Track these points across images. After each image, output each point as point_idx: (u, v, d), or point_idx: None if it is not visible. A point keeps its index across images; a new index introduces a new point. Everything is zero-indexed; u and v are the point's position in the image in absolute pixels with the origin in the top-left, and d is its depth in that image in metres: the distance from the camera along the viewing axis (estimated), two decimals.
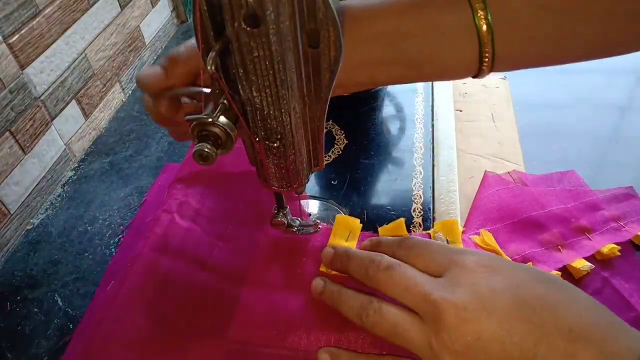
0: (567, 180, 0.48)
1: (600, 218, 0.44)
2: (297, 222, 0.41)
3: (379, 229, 0.43)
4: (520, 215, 0.44)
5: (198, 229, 0.44)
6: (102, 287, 0.42)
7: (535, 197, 0.46)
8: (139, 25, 0.68)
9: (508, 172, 0.49)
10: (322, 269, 0.39)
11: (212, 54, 0.26)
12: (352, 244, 0.41)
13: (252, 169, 0.35)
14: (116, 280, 0.41)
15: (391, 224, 0.42)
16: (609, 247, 0.41)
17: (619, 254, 0.41)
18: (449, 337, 0.26)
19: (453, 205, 0.45)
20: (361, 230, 0.42)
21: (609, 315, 0.26)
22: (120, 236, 0.47)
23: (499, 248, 0.41)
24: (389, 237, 0.37)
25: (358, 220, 0.43)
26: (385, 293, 0.31)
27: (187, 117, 0.29)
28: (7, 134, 0.47)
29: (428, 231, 0.43)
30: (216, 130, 0.29)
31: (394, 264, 0.32)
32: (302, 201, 0.44)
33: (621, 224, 0.44)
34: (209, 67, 0.26)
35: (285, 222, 0.40)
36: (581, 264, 0.40)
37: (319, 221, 0.42)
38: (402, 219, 0.42)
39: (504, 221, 0.44)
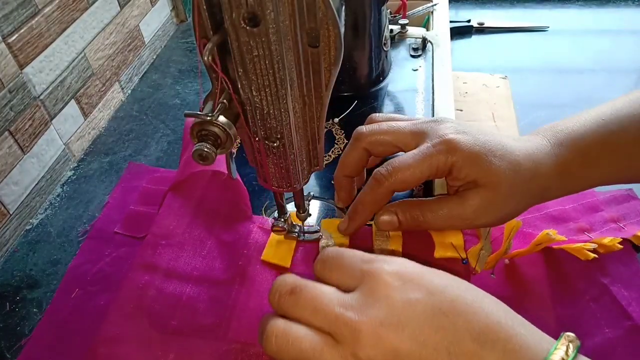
0: None
1: (600, 219, 0.44)
2: (298, 228, 0.41)
3: (321, 222, 0.42)
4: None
5: (194, 235, 0.43)
6: (62, 290, 0.42)
7: None
8: (138, 25, 0.68)
9: None
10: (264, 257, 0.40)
11: (209, 46, 0.26)
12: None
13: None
14: (108, 285, 0.41)
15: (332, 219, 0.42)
16: (609, 238, 0.41)
17: (620, 247, 0.41)
18: (367, 356, 0.26)
19: None
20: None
21: (511, 313, 0.27)
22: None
23: (460, 250, 0.40)
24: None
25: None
26: (295, 319, 0.28)
27: (187, 112, 0.29)
28: (6, 133, 0.46)
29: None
30: (216, 129, 0.28)
31: (297, 285, 0.29)
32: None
33: (620, 225, 0.43)
34: (205, 59, 0.26)
35: (286, 228, 0.39)
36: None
37: (319, 227, 0.42)
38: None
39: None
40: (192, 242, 0.41)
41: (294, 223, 0.41)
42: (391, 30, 0.64)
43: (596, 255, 0.40)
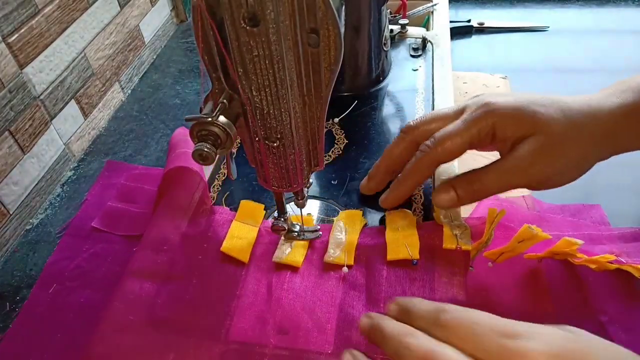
0: (588, 213, 0.43)
1: (599, 250, 0.38)
2: (297, 227, 0.41)
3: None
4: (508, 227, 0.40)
5: (189, 236, 0.43)
6: (40, 286, 0.42)
7: (528, 220, 0.41)
8: (138, 25, 0.68)
9: (522, 196, 0.45)
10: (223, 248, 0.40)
11: (208, 45, 0.26)
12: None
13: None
14: (112, 282, 0.41)
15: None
16: (602, 255, 0.37)
17: (613, 266, 0.36)
18: None
19: None
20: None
21: None
22: None
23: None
24: (422, 306, 0.29)
25: (262, 206, 0.44)
26: None
27: (187, 117, 0.29)
28: (7, 133, 0.46)
29: (332, 218, 0.43)
30: (216, 129, 0.28)
31: (432, 352, 0.25)
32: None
33: (621, 259, 0.37)
34: (205, 58, 0.26)
35: (286, 228, 0.39)
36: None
37: (319, 226, 0.42)
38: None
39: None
40: (187, 245, 0.42)
41: (293, 223, 0.41)
42: (391, 30, 0.64)
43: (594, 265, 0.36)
